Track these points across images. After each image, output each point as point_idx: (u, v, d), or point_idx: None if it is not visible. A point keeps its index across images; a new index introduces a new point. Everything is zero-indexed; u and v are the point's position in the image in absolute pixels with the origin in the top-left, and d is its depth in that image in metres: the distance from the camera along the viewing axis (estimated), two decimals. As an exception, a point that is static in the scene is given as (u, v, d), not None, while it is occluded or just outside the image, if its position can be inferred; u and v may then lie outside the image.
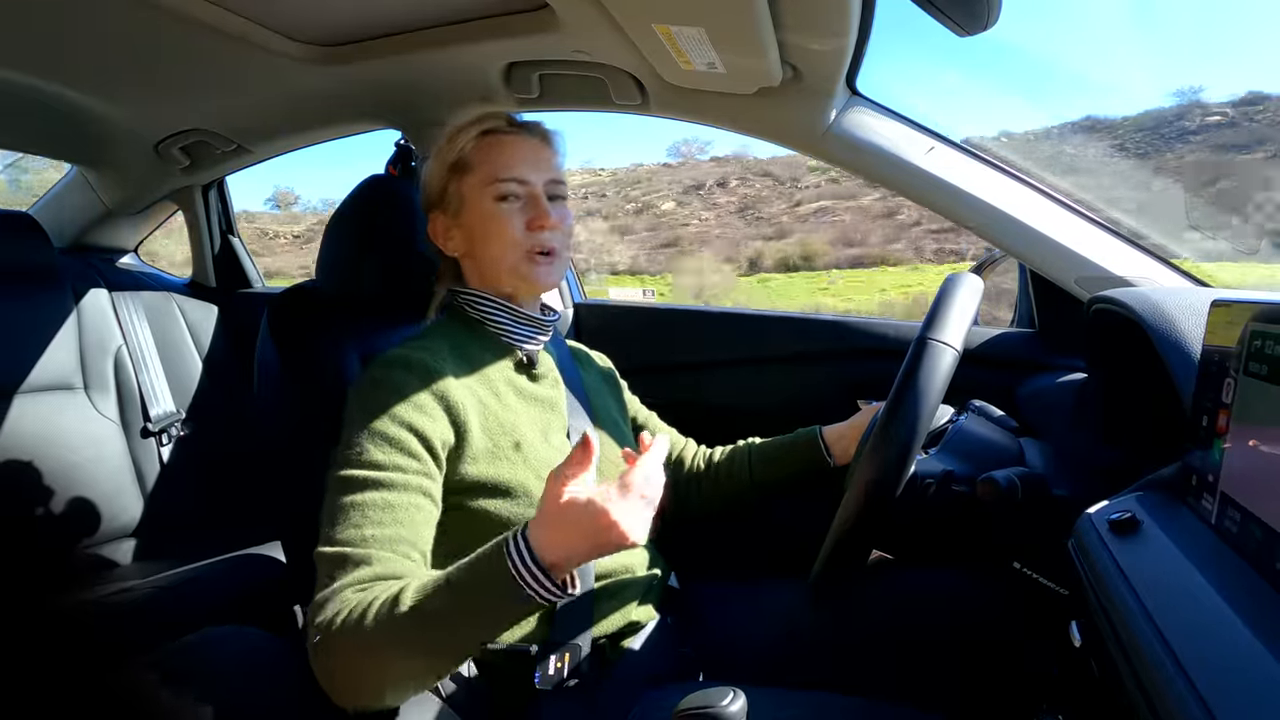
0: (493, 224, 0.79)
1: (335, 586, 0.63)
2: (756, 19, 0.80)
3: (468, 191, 0.81)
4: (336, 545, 0.65)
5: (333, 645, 0.61)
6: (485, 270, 0.83)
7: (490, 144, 0.81)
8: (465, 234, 0.82)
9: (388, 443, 0.69)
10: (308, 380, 0.84)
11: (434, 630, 0.60)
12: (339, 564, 0.64)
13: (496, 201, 0.79)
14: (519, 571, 0.58)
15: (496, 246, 0.80)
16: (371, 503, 0.67)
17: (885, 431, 0.69)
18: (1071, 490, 0.70)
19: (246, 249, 1.94)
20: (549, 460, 0.78)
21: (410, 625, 0.59)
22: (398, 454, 0.69)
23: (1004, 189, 1.05)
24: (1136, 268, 1.00)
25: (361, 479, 0.68)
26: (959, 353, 0.69)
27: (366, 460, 0.68)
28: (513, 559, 0.58)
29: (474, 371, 0.79)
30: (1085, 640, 0.54)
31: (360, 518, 0.66)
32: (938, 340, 0.68)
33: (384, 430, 0.70)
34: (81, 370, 1.46)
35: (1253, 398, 0.44)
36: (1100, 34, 39.85)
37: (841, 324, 1.35)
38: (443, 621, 0.59)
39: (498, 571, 0.58)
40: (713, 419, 1.18)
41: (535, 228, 0.80)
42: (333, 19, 1.04)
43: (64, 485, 1.35)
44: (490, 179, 0.80)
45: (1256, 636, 0.36)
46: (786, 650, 0.86)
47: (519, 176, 0.80)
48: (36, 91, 1.24)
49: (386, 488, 0.68)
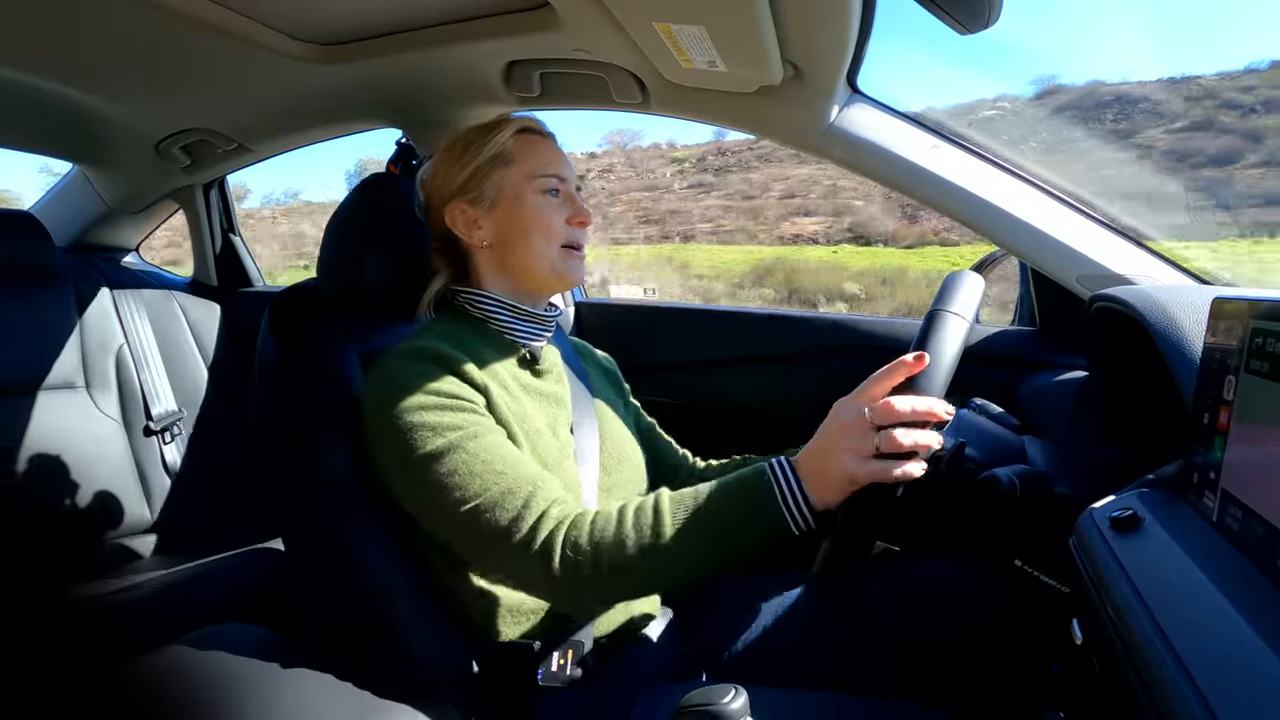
0: (537, 216, 0.81)
1: (531, 516, 0.66)
2: (757, 17, 0.80)
3: (510, 183, 0.82)
4: (486, 494, 0.67)
5: (587, 561, 0.65)
6: (514, 262, 0.83)
7: (531, 141, 0.84)
8: (500, 225, 0.83)
9: (445, 408, 0.71)
10: (308, 379, 0.84)
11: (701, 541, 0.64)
12: (504, 501, 0.67)
13: (542, 195, 0.82)
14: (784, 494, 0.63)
15: (540, 238, 0.82)
16: (479, 452, 0.69)
17: None
18: (1073, 488, 0.70)
19: (248, 248, 1.94)
20: (554, 452, 0.78)
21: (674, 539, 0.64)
22: (459, 413, 0.71)
23: (1005, 186, 1.05)
24: (1138, 265, 1.00)
25: (453, 443, 0.69)
26: (970, 322, 0.68)
27: (441, 427, 0.70)
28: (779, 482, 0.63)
29: (481, 363, 0.79)
30: (1086, 638, 0.54)
31: (483, 466, 0.68)
32: (948, 310, 0.67)
33: (434, 402, 0.71)
34: (83, 369, 1.46)
35: (1254, 395, 0.44)
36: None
37: (843, 322, 1.35)
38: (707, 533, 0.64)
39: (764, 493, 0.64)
40: (714, 417, 1.18)
41: (576, 223, 0.83)
42: (333, 18, 1.04)
43: (65, 484, 1.35)
44: (536, 172, 0.82)
45: (1258, 634, 0.36)
46: (789, 648, 0.86)
47: (560, 174, 0.83)
48: (37, 90, 1.24)
49: (479, 437, 0.70)
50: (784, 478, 0.63)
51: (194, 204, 1.82)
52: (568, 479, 0.78)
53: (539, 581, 0.68)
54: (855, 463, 0.60)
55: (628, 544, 0.64)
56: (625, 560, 0.64)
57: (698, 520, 0.64)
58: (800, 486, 0.63)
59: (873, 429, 0.61)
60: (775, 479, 0.63)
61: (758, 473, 0.64)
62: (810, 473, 0.63)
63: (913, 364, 0.62)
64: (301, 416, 0.84)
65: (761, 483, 0.64)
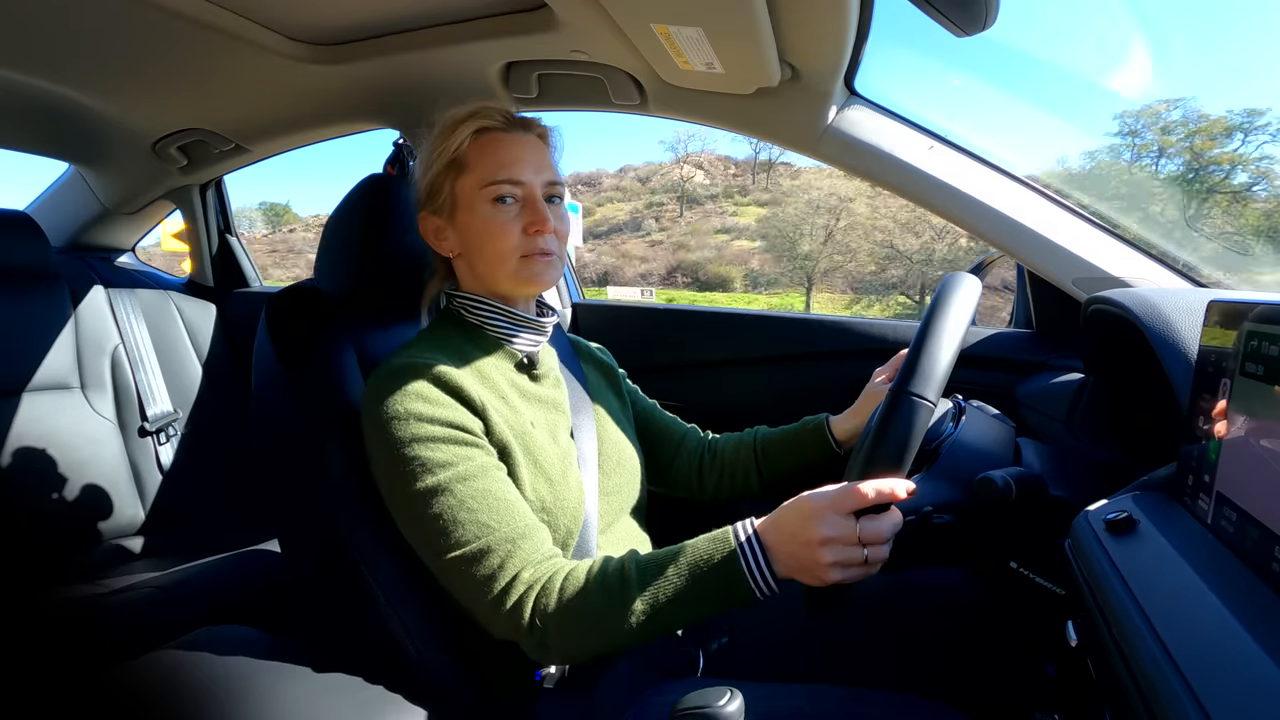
0: (489, 227, 0.78)
1: (504, 578, 0.67)
2: (755, 19, 0.80)
3: (463, 192, 0.79)
4: (466, 547, 0.68)
5: (553, 626, 0.66)
6: (481, 272, 0.82)
7: (487, 142, 0.79)
8: (460, 235, 0.81)
9: (439, 440, 0.70)
10: (305, 379, 0.84)
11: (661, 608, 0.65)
12: (481, 560, 0.67)
13: (493, 204, 0.77)
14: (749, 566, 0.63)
15: (492, 251, 0.78)
16: (466, 499, 0.68)
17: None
18: (1068, 490, 0.70)
19: (245, 249, 1.94)
20: (557, 460, 0.78)
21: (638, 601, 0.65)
22: (453, 446, 0.70)
23: (1002, 189, 1.05)
24: (1133, 268, 1.00)
25: (442, 484, 0.69)
26: (933, 405, 0.65)
27: (432, 463, 0.69)
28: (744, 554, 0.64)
29: (478, 375, 0.78)
30: (1081, 640, 0.54)
31: (467, 515, 0.68)
32: (913, 394, 0.64)
33: (427, 433, 0.70)
34: (78, 369, 1.45)
35: (1249, 398, 0.44)
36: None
37: (841, 324, 1.35)
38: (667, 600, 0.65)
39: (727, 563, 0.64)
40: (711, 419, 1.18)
41: (533, 233, 0.78)
42: (331, 18, 1.04)
43: (61, 485, 1.35)
44: (486, 180, 0.77)
45: (1252, 636, 0.36)
46: (786, 647, 0.86)
47: (516, 178, 0.78)
48: (33, 90, 1.23)
49: (469, 479, 0.69)
50: (754, 560, 0.63)
51: (191, 204, 1.82)
52: (572, 488, 0.78)
53: (509, 636, 0.69)
54: (841, 572, 0.61)
55: (593, 613, 0.65)
56: (590, 628, 0.65)
57: (665, 593, 0.64)
58: (769, 566, 0.63)
59: (859, 544, 0.61)
60: (746, 562, 0.63)
61: (729, 556, 0.64)
62: (785, 566, 0.63)
63: (904, 498, 0.62)
64: (298, 417, 0.84)
65: (732, 565, 0.64)
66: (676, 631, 0.67)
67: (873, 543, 0.61)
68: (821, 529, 0.61)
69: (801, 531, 0.62)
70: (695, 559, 0.65)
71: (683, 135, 39.59)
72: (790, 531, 0.63)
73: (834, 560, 0.61)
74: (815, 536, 0.61)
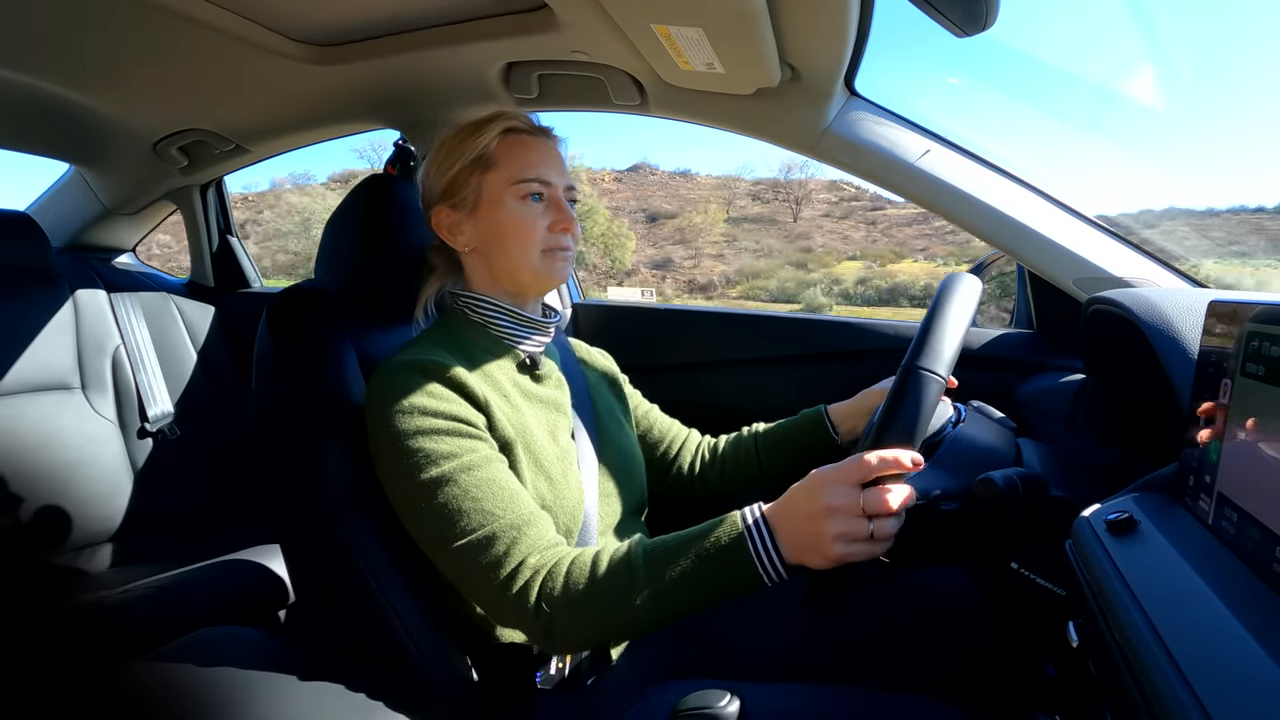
0: (518, 222, 0.80)
1: (509, 564, 0.67)
2: (755, 20, 0.80)
3: (491, 188, 0.81)
4: (471, 535, 0.68)
5: (560, 611, 0.65)
6: (500, 267, 0.83)
7: (515, 143, 0.81)
8: (481, 230, 0.82)
9: (442, 433, 0.70)
10: (306, 380, 0.84)
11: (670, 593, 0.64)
12: (486, 547, 0.67)
13: (523, 200, 0.80)
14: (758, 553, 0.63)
15: (517, 245, 0.80)
16: (471, 488, 0.69)
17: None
18: (1069, 491, 0.70)
19: (245, 249, 1.94)
20: (557, 460, 0.78)
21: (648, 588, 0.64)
22: (457, 439, 0.71)
23: (1002, 190, 1.05)
24: (1134, 269, 1.00)
25: (446, 474, 0.69)
26: (943, 380, 0.66)
27: (436, 455, 0.69)
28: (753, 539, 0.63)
29: (481, 373, 0.79)
30: (1082, 641, 0.54)
31: (471, 504, 0.68)
32: (923, 368, 0.65)
33: (431, 425, 0.70)
34: (79, 370, 1.45)
35: (1250, 398, 0.44)
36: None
37: (841, 324, 1.35)
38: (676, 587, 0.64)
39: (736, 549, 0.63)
40: (711, 420, 1.18)
41: (559, 230, 0.81)
42: (331, 18, 1.04)
43: (61, 485, 1.34)
44: (517, 177, 0.80)
45: (1253, 637, 0.36)
46: (787, 648, 0.86)
47: (545, 178, 0.81)
48: (34, 90, 1.23)
49: (473, 469, 0.70)
50: (761, 543, 0.63)
51: (191, 205, 1.82)
52: (572, 488, 0.79)
53: (515, 624, 0.69)
54: (845, 546, 0.60)
55: (600, 597, 0.64)
56: (596, 612, 0.65)
57: (671, 578, 0.64)
58: (776, 549, 0.63)
59: (865, 516, 0.60)
60: (753, 544, 0.63)
61: (736, 539, 0.63)
62: (792, 546, 0.62)
63: (910, 468, 0.61)
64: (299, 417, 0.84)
65: (740, 549, 0.63)
66: (682, 617, 0.65)
67: (878, 514, 0.60)
68: (826, 498, 0.60)
69: (807, 503, 0.61)
70: (702, 542, 0.64)
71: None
72: (797, 506, 0.62)
73: (839, 532, 0.60)
74: (820, 507, 0.60)
